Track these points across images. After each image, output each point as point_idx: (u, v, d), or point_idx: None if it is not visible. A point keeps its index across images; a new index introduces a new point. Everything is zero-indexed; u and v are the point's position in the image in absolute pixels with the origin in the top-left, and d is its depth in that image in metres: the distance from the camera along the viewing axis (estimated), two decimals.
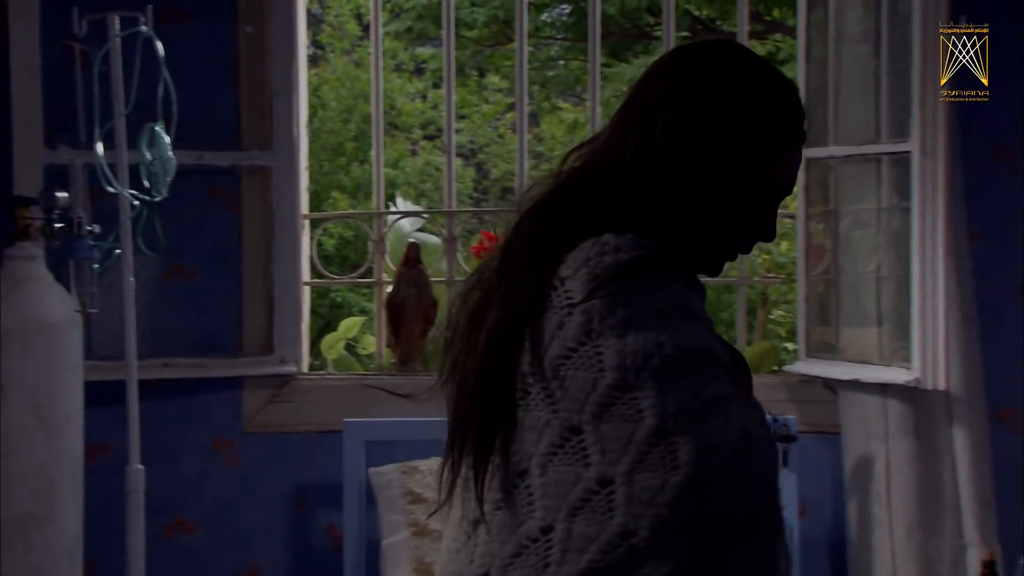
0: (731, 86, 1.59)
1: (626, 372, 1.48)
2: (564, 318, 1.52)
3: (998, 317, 3.54)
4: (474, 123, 9.17)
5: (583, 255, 1.54)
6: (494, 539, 1.50)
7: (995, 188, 3.56)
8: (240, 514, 3.71)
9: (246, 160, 3.69)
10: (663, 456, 1.45)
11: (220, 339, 3.72)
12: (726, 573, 1.45)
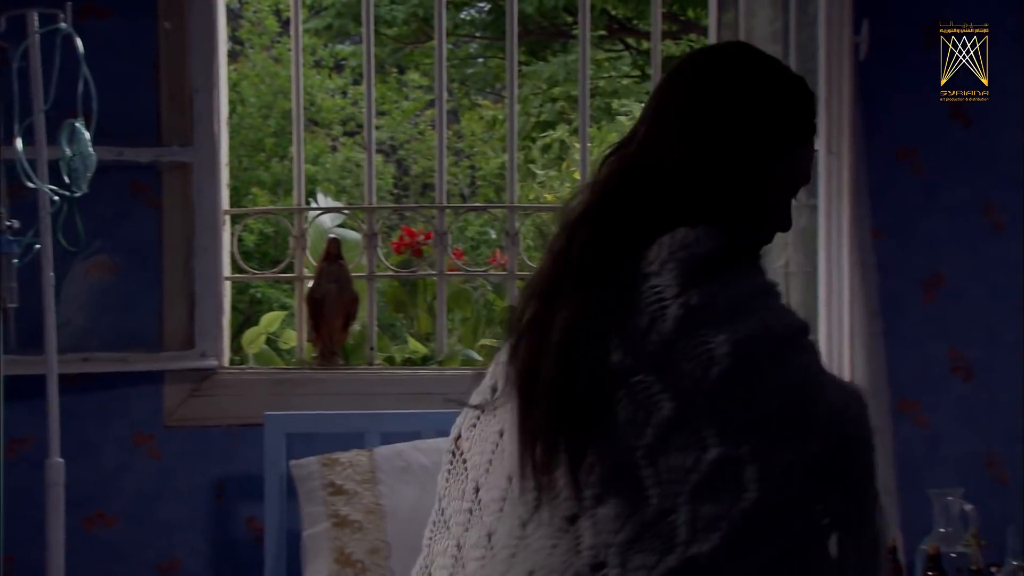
0: (758, 86, 1.70)
1: (742, 358, 1.55)
2: (656, 313, 1.59)
3: (901, 311, 3.68)
4: (394, 119, 9.22)
5: (666, 250, 1.61)
6: (603, 530, 1.55)
7: (898, 187, 3.69)
8: (161, 507, 3.74)
9: (167, 156, 3.72)
10: (798, 428, 1.55)
11: (141, 334, 3.74)
12: (873, 520, 1.58)
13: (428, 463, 3.43)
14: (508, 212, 4.10)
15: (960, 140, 3.71)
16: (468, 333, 4.38)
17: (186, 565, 3.74)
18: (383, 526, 3.35)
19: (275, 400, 3.73)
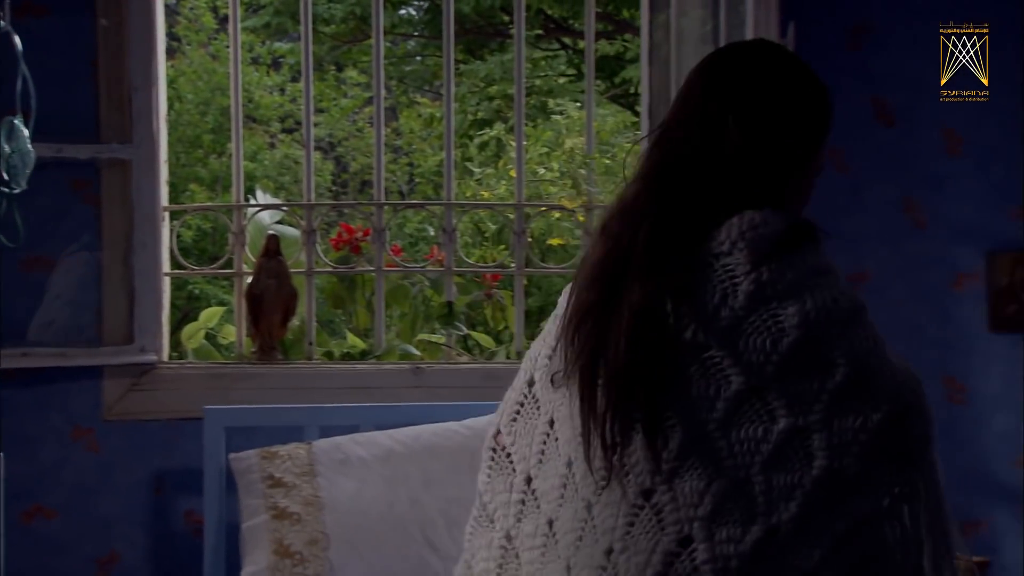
0: (800, 81, 1.87)
1: (811, 328, 1.67)
2: (728, 290, 1.69)
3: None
4: (332, 117, 9.26)
5: (735, 231, 1.72)
6: (683, 504, 1.64)
7: (823, 185, 3.74)
8: (99, 500, 3.76)
9: (106, 153, 3.74)
10: (863, 398, 1.66)
11: (80, 329, 3.77)
12: (935, 484, 1.69)
13: (366, 456, 3.49)
14: (445, 209, 4.17)
15: (883, 140, 3.83)
16: (406, 328, 4.43)
17: (125, 558, 3.77)
18: (321, 518, 3.40)
19: (214, 394, 3.77)
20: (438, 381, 3.95)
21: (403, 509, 3.43)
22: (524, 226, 4.20)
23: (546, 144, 6.55)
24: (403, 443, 3.54)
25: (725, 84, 1.82)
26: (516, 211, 4.18)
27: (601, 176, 5.19)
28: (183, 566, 3.72)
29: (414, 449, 3.52)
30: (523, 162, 4.28)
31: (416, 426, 3.60)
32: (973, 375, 3.78)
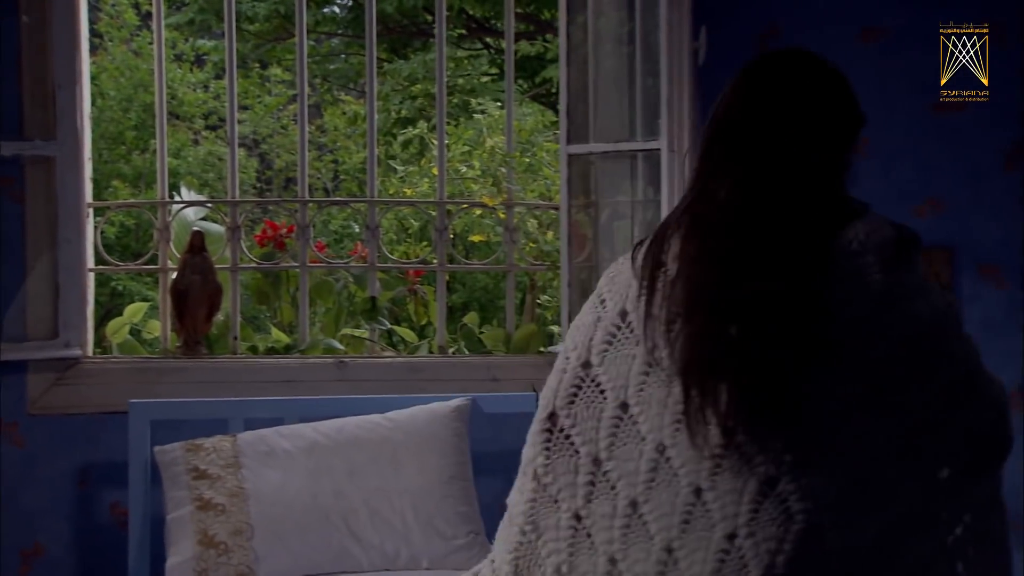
0: (846, 92, 2.01)
1: (935, 327, 1.83)
2: (858, 289, 1.78)
3: None
4: (257, 114, 9.28)
5: (862, 235, 1.83)
6: (811, 493, 1.72)
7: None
8: (24, 494, 3.80)
9: (29, 150, 3.78)
10: (972, 396, 1.84)
11: (4, 324, 3.80)
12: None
13: (291, 448, 3.56)
14: (369, 206, 4.25)
15: None
16: (330, 323, 4.50)
17: (50, 550, 3.81)
18: (246, 508, 3.46)
19: (139, 388, 3.83)
20: (361, 375, 4.03)
21: (327, 500, 3.51)
22: (446, 223, 4.29)
23: (468, 143, 6.65)
24: (327, 435, 3.61)
25: (798, 93, 1.96)
26: (438, 208, 4.27)
27: (521, 174, 5.30)
28: (108, 558, 3.76)
29: (338, 441, 3.60)
30: (445, 160, 4.37)
31: (340, 419, 3.68)
32: None
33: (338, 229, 8.04)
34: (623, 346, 1.95)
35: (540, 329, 4.54)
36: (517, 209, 4.44)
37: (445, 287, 4.35)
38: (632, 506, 1.87)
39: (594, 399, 1.95)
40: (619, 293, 2.00)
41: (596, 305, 2.03)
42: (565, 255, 4.09)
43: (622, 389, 1.91)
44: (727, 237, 1.83)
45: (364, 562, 3.47)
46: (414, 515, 3.54)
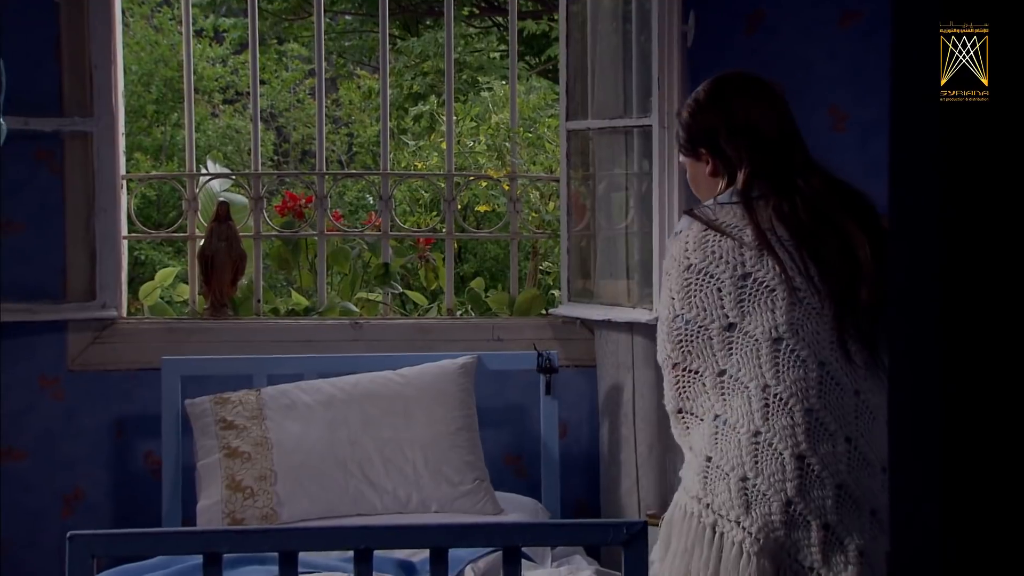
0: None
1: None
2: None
3: None
4: (274, 88, 9.51)
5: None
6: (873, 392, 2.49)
7: None
8: (65, 443, 4.09)
9: (68, 126, 4.06)
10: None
11: (45, 287, 4.08)
12: None
13: (310, 401, 3.84)
14: (382, 178, 4.52)
15: None
16: (346, 287, 4.74)
17: (89, 495, 4.11)
18: (270, 456, 3.74)
19: (170, 347, 4.11)
20: (375, 335, 4.30)
21: (343, 449, 3.78)
22: (454, 194, 4.56)
23: (475, 119, 6.89)
24: (343, 390, 3.88)
25: (776, 109, 2.76)
26: (447, 180, 4.54)
27: (525, 148, 5.56)
28: (143, 502, 4.07)
29: (353, 395, 3.87)
30: (453, 135, 4.64)
31: (355, 375, 3.95)
32: None
33: (353, 200, 8.29)
34: (755, 297, 2.52)
35: (541, 293, 4.80)
36: (520, 181, 4.70)
37: (453, 254, 4.61)
38: (808, 412, 2.44)
39: (747, 346, 2.49)
40: (721, 257, 2.56)
41: (695, 276, 2.57)
42: (565, 224, 4.35)
43: (772, 330, 2.48)
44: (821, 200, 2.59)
45: (378, 505, 3.74)
46: (424, 463, 3.80)
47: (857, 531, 2.42)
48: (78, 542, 2.24)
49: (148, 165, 8.70)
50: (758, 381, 2.47)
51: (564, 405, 4.12)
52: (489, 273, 7.31)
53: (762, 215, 2.57)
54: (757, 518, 2.43)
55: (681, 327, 2.56)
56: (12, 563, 4.04)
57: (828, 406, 2.45)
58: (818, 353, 2.47)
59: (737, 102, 2.71)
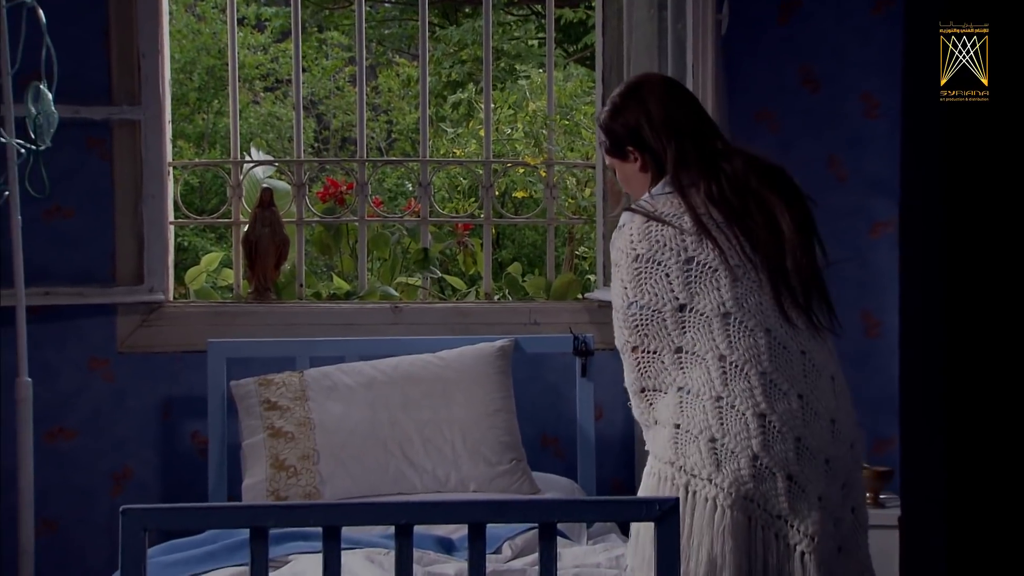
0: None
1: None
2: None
3: None
4: (314, 76, 9.60)
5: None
6: (828, 356, 2.76)
7: (756, 144, 4.15)
8: (114, 423, 4.21)
9: (117, 114, 4.17)
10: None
11: (95, 271, 4.19)
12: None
13: (351, 383, 3.93)
14: (421, 165, 4.61)
15: (810, 104, 4.29)
16: (386, 272, 4.82)
17: (137, 474, 4.22)
18: (312, 436, 3.83)
19: (215, 330, 4.21)
20: (414, 319, 4.39)
21: (384, 429, 3.87)
22: (492, 180, 4.64)
23: (512, 106, 6.96)
24: (384, 372, 3.97)
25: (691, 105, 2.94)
26: (485, 167, 4.62)
27: (560, 136, 5.63)
28: (189, 480, 4.18)
29: (393, 377, 3.96)
30: (491, 122, 4.71)
31: (395, 357, 4.03)
32: (886, 311, 4.24)
33: (392, 187, 8.38)
34: (700, 279, 2.70)
35: (578, 278, 4.87)
36: (557, 168, 4.78)
37: (491, 240, 4.69)
38: (763, 376, 2.64)
39: (699, 323, 2.67)
40: (665, 245, 2.72)
41: (644, 264, 2.72)
42: (601, 210, 4.42)
43: (720, 306, 2.68)
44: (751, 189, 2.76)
45: (418, 484, 3.82)
46: (462, 443, 3.88)
47: (816, 479, 2.65)
48: (131, 516, 2.30)
49: (191, 152, 8.82)
50: (714, 352, 2.67)
51: (599, 387, 4.19)
52: (527, 259, 7.39)
53: (696, 200, 2.75)
54: (728, 474, 2.63)
55: (636, 313, 2.73)
56: (63, 539, 4.17)
57: (779, 368, 2.67)
58: (763, 322, 2.69)
59: (652, 99, 2.88)
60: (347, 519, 2.47)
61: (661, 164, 2.85)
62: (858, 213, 4.29)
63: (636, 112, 2.89)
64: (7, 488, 3.87)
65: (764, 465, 2.63)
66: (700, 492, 2.65)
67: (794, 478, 2.64)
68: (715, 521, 2.64)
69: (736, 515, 2.63)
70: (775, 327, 2.69)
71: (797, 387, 2.67)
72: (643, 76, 3.06)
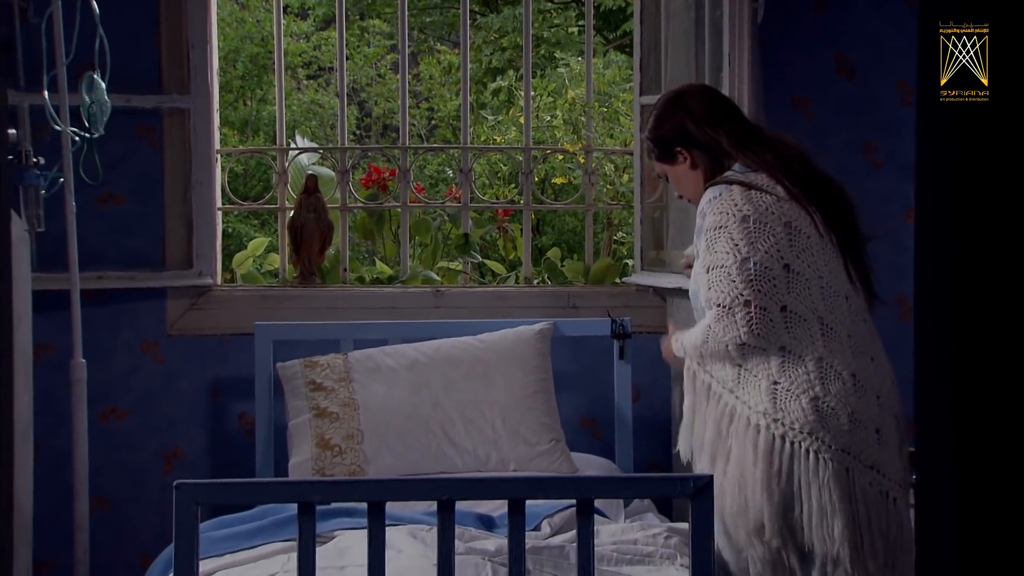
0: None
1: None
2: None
3: None
4: (356, 64, 9.71)
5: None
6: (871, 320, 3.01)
7: (792, 130, 4.22)
8: (165, 404, 4.33)
9: (167, 103, 4.28)
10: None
11: (146, 256, 4.31)
12: None
13: (395, 365, 4.02)
14: (462, 152, 4.69)
15: (845, 91, 4.34)
16: (428, 256, 4.91)
17: (187, 453, 4.34)
18: (357, 416, 3.93)
19: (262, 313, 4.32)
20: (456, 302, 4.48)
21: (426, 410, 3.96)
22: (532, 167, 4.72)
23: (551, 93, 7.03)
24: (426, 354, 4.06)
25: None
26: (524, 153, 4.70)
27: (599, 122, 5.70)
28: (237, 459, 4.29)
29: (435, 359, 4.05)
30: (531, 109, 4.79)
31: (437, 340, 4.12)
32: None
33: (433, 173, 8.48)
34: (799, 243, 2.92)
35: (616, 262, 4.95)
36: (595, 154, 4.85)
37: (531, 225, 4.77)
38: (850, 337, 2.90)
39: (800, 284, 2.90)
40: (767, 209, 2.94)
41: (752, 224, 2.92)
42: (638, 196, 4.49)
43: (816, 270, 2.92)
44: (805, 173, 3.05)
45: (459, 464, 3.91)
46: (503, 424, 3.96)
47: (893, 433, 2.95)
48: (184, 490, 2.40)
49: (234, 140, 8.95)
50: (814, 314, 2.90)
51: (637, 370, 4.26)
52: (566, 244, 7.46)
53: (777, 174, 2.98)
54: (830, 429, 2.86)
55: (751, 268, 2.89)
56: (116, 516, 4.29)
57: (858, 332, 2.93)
58: (843, 288, 2.94)
59: (693, 102, 3.13)
60: (391, 494, 2.55)
61: (712, 155, 3.06)
62: (893, 198, 4.34)
63: (680, 115, 3.11)
64: (63, 466, 4.00)
65: (859, 420, 2.88)
66: (801, 445, 2.87)
67: (880, 431, 2.91)
68: (820, 472, 2.86)
69: (836, 466, 2.85)
70: (850, 293, 2.95)
71: (869, 350, 2.93)
72: (682, 86, 3.32)
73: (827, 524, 2.85)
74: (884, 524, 2.90)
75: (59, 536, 4.01)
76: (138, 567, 4.11)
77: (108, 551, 4.22)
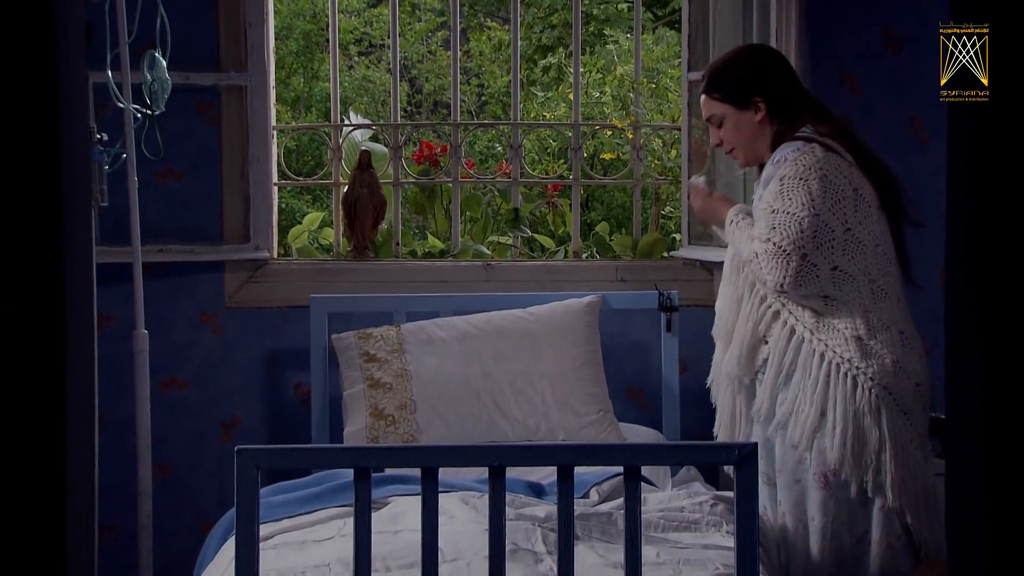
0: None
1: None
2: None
3: None
4: (407, 40, 9.77)
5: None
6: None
7: (839, 105, 4.14)
8: (223, 374, 4.44)
9: (225, 80, 4.37)
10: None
11: (205, 230, 4.42)
12: None
13: (446, 336, 4.10)
14: (512, 128, 4.76)
15: (892, 66, 4.36)
16: (478, 231, 4.98)
17: (245, 422, 4.46)
18: (409, 387, 4.02)
19: (317, 286, 4.42)
20: (506, 276, 4.56)
21: (477, 381, 4.04)
22: (581, 143, 4.79)
23: (600, 70, 7.07)
24: (477, 327, 4.14)
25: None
26: (573, 130, 4.76)
27: (647, 99, 5.75)
28: (294, 429, 4.40)
29: (486, 331, 4.13)
30: (580, 86, 4.85)
31: (487, 313, 4.20)
32: None
33: (483, 149, 8.54)
34: (862, 208, 3.13)
35: (663, 237, 5.00)
36: (643, 130, 4.91)
37: (579, 200, 4.84)
38: (899, 301, 3.16)
39: (857, 248, 3.10)
40: (841, 172, 3.13)
41: (829, 185, 3.10)
42: (686, 171, 4.53)
43: (874, 236, 3.13)
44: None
45: (509, 433, 3.99)
46: (552, 395, 4.04)
47: (927, 390, 3.21)
48: (245, 455, 2.47)
49: (287, 116, 9.05)
50: (866, 276, 3.12)
51: (684, 342, 4.32)
52: (615, 219, 7.51)
53: (847, 142, 3.17)
54: (872, 364, 3.09)
55: (819, 224, 3.08)
56: (177, 483, 4.42)
57: (905, 298, 3.20)
58: (895, 257, 3.20)
59: (783, 62, 3.36)
60: (444, 460, 2.62)
61: (788, 116, 3.20)
62: (940, 174, 4.29)
63: (771, 67, 3.27)
64: (126, 434, 4.12)
65: (902, 368, 3.11)
66: (840, 366, 3.10)
67: (920, 385, 3.15)
68: (857, 397, 3.09)
69: (873, 399, 3.08)
70: (897, 262, 3.21)
71: (909, 313, 3.20)
72: (763, 44, 3.67)
73: (858, 448, 3.08)
74: (918, 468, 3.13)
75: (123, 503, 4.13)
76: (198, 532, 4.21)
77: (169, 517, 4.34)
